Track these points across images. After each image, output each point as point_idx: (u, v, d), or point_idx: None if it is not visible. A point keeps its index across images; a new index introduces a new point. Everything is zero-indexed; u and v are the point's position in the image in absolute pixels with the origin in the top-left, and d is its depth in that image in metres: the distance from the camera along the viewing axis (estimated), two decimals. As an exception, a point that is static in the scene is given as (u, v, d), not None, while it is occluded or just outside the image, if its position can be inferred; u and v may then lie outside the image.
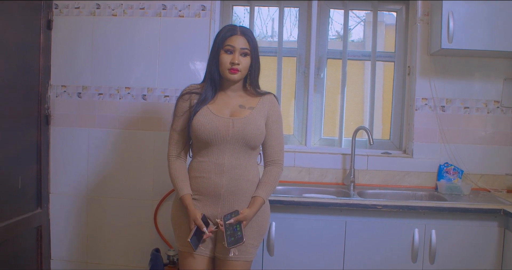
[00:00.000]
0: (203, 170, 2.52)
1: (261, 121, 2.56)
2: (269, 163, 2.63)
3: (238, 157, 2.51)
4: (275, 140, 2.62)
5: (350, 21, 3.83)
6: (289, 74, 3.84)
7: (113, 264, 3.66)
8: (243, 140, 2.49)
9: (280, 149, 2.64)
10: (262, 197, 2.52)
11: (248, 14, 3.83)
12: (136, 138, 3.57)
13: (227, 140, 2.48)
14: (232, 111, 2.56)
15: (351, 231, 2.99)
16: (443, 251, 2.96)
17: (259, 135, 2.53)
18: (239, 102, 2.59)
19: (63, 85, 3.62)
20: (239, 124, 2.49)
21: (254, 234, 2.55)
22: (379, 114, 3.88)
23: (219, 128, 2.47)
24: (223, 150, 2.50)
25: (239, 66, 2.50)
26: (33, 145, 3.43)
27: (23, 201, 3.30)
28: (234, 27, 2.54)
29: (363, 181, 3.58)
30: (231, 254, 2.44)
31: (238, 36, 2.51)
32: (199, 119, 2.49)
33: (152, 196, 3.57)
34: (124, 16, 3.56)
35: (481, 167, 3.55)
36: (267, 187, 2.55)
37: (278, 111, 2.66)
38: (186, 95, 2.61)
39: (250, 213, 2.47)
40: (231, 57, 2.49)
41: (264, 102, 2.62)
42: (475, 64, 3.51)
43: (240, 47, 2.50)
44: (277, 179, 2.61)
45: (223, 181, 2.48)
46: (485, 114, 3.53)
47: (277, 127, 2.64)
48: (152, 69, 3.55)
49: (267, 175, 2.60)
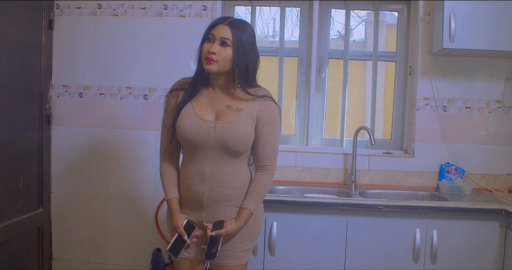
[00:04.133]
0: (187, 176, 2.40)
1: (248, 125, 2.36)
2: (259, 168, 2.44)
3: (221, 164, 2.35)
4: (266, 144, 2.41)
5: (352, 21, 3.83)
6: (290, 74, 3.84)
7: (114, 264, 3.66)
8: (224, 146, 2.32)
9: (271, 154, 2.44)
10: (250, 210, 2.37)
11: (249, 14, 3.82)
12: (137, 138, 3.58)
13: (208, 146, 2.33)
14: (218, 112, 2.39)
15: (352, 231, 2.99)
16: (445, 251, 2.96)
17: (241, 141, 2.33)
18: (227, 102, 2.40)
19: (64, 85, 3.62)
20: (221, 129, 2.31)
21: (243, 238, 2.43)
22: (381, 114, 3.88)
23: (200, 132, 2.32)
24: (205, 156, 2.35)
25: (214, 56, 2.29)
26: (35, 145, 3.44)
27: (24, 201, 3.31)
28: (225, 18, 2.38)
29: (365, 181, 3.58)
30: (206, 266, 2.36)
31: (223, 25, 2.32)
32: (182, 121, 2.36)
33: (153, 196, 3.58)
34: (126, 16, 3.56)
35: (483, 167, 3.54)
36: (255, 197, 2.39)
37: (271, 112, 2.41)
38: (175, 91, 2.47)
39: (235, 227, 2.34)
40: (209, 46, 2.31)
41: (255, 104, 2.39)
42: (476, 64, 3.51)
43: (220, 36, 2.30)
44: (267, 187, 2.43)
45: (204, 189, 2.35)
46: (487, 114, 3.53)
47: (269, 130, 2.41)
48: (154, 69, 3.56)
49: (255, 183, 2.42)
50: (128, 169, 3.61)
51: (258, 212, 2.47)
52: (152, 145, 3.55)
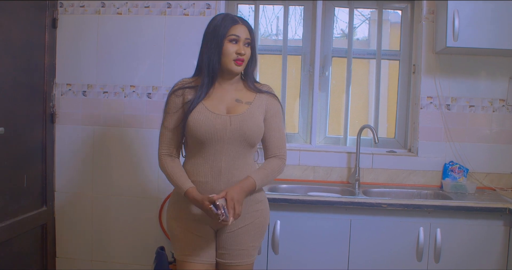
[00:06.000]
0: (198, 173, 2.38)
1: (260, 116, 2.42)
2: (270, 157, 2.48)
3: (237, 157, 2.38)
4: (275, 135, 2.47)
5: (355, 20, 3.82)
6: (294, 72, 3.84)
7: (118, 262, 3.67)
8: (242, 138, 2.35)
9: (281, 144, 2.48)
10: (254, 179, 2.35)
11: (253, 12, 3.82)
12: (141, 136, 3.58)
13: (224, 140, 2.34)
14: (228, 106, 2.42)
15: (356, 229, 2.99)
16: (448, 250, 2.96)
17: (258, 132, 2.39)
18: (236, 96, 2.45)
19: (68, 84, 3.63)
20: (236, 121, 2.35)
21: (254, 237, 2.46)
22: (384, 113, 3.87)
23: (216, 127, 2.33)
24: (220, 151, 2.35)
25: (244, 56, 2.37)
26: (38, 143, 3.45)
27: (28, 199, 3.31)
28: (233, 16, 2.41)
29: (368, 179, 3.58)
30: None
31: (241, 25, 2.37)
32: (195, 117, 2.34)
33: (157, 194, 3.58)
34: (129, 15, 3.57)
35: (487, 165, 3.54)
36: (263, 172, 2.41)
37: (277, 105, 2.50)
38: (179, 90, 2.45)
39: (238, 191, 2.28)
40: (237, 47, 2.35)
41: (262, 97, 2.47)
42: (480, 62, 3.50)
43: (245, 37, 2.37)
44: (276, 169, 2.45)
45: (220, 185, 2.35)
46: (491, 113, 3.52)
47: (277, 121, 2.48)
48: (157, 67, 3.56)
49: (266, 164, 2.46)
50: (132, 167, 3.61)
51: (264, 210, 2.51)
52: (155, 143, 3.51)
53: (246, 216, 2.42)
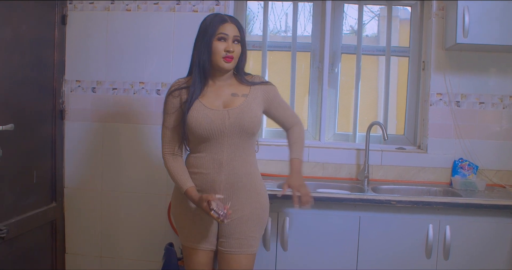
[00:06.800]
0: (201, 165, 2.50)
1: (257, 108, 2.53)
2: (288, 128, 2.74)
3: (237, 148, 2.48)
4: (284, 110, 2.69)
5: (365, 16, 3.82)
6: (303, 69, 3.84)
7: (127, 258, 3.68)
8: (241, 129, 2.46)
9: (292, 114, 2.74)
10: (299, 158, 2.68)
11: (261, 9, 3.82)
12: (150, 132, 3.58)
13: (224, 133, 2.45)
14: (225, 101, 2.51)
15: (365, 226, 2.99)
16: (458, 247, 2.95)
17: (256, 122, 2.50)
18: (231, 91, 2.54)
19: (77, 80, 3.64)
20: (234, 114, 2.45)
21: (255, 227, 2.55)
22: (394, 109, 3.86)
23: (214, 122, 2.43)
24: (221, 143, 2.46)
25: (233, 53, 2.45)
26: (48, 139, 3.46)
27: (38, 195, 3.33)
28: (222, 15, 2.51)
29: (377, 176, 3.57)
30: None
31: (229, 23, 2.47)
32: (193, 115, 2.44)
33: (165, 191, 3.58)
34: (138, 11, 3.57)
35: (496, 162, 3.52)
36: (299, 146, 2.71)
37: (273, 89, 2.64)
38: (176, 91, 2.55)
39: (295, 178, 2.64)
40: (225, 45, 2.44)
41: (256, 88, 2.57)
42: (490, 59, 3.48)
43: (233, 35, 2.46)
44: (303, 135, 2.74)
45: (221, 176, 2.47)
46: (501, 110, 3.50)
47: (279, 100, 2.67)
48: (166, 64, 3.56)
49: (292, 135, 2.72)
50: (141, 163, 3.62)
51: (264, 202, 2.62)
52: (164, 140, 3.55)
53: (246, 206, 2.53)
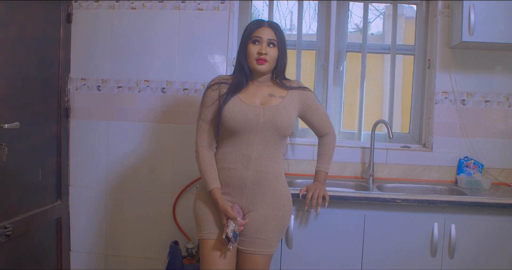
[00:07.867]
0: (229, 160, 2.54)
1: (292, 110, 2.60)
2: (321, 136, 2.82)
3: (267, 147, 2.53)
4: (319, 117, 2.75)
5: (370, 14, 3.81)
6: (308, 67, 3.83)
7: (131, 256, 3.69)
8: (274, 128, 2.51)
9: (326, 122, 2.79)
10: (325, 171, 2.81)
11: (267, 7, 3.82)
12: (155, 131, 3.58)
13: (257, 129, 2.50)
14: (262, 100, 2.58)
15: (370, 225, 2.98)
16: (463, 246, 2.94)
17: (289, 123, 2.55)
18: (269, 91, 2.62)
19: (82, 78, 3.64)
20: (270, 113, 2.52)
21: (276, 229, 2.58)
22: (399, 108, 3.86)
23: (249, 117, 2.49)
24: (252, 140, 2.51)
25: (266, 56, 2.52)
26: (53, 138, 3.46)
27: (43, 193, 3.34)
28: (261, 20, 2.59)
29: (382, 175, 3.57)
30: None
31: (265, 27, 2.55)
32: (229, 108, 2.50)
33: (171, 189, 3.59)
34: (143, 9, 3.57)
35: (502, 161, 3.51)
36: (327, 158, 2.81)
37: (310, 94, 2.72)
38: (215, 85, 2.62)
39: (317, 185, 2.80)
40: (258, 47, 2.52)
41: (294, 93, 2.65)
42: (496, 57, 3.47)
43: (267, 38, 2.53)
44: (333, 146, 2.83)
45: (248, 172, 2.51)
46: (506, 108, 3.49)
47: (315, 107, 2.73)
48: (171, 62, 3.56)
49: (323, 146, 2.82)
50: (146, 162, 3.62)
51: (288, 204, 2.67)
52: (169, 138, 3.55)
53: (269, 208, 2.56)
